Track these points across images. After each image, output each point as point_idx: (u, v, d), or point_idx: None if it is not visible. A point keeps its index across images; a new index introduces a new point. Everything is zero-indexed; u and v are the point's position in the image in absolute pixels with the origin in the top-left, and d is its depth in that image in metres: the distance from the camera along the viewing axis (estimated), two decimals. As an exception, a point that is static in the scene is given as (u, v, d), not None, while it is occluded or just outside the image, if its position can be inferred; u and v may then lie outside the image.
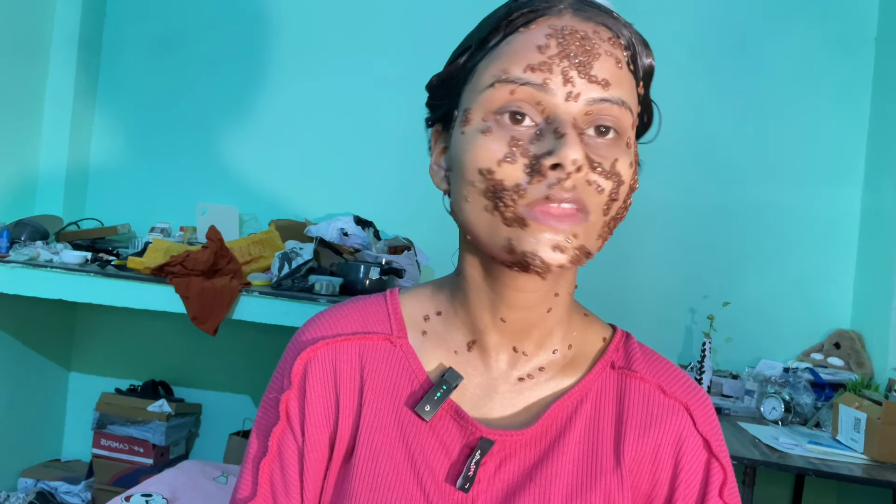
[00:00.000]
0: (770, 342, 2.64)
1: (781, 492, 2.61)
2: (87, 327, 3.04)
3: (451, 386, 0.65)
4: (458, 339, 0.68)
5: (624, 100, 0.59)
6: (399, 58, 2.83)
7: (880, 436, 1.90)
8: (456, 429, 0.65)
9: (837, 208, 2.67)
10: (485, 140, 0.58)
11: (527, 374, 0.67)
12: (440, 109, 0.66)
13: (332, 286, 2.17)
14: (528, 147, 0.57)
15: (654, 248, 2.74)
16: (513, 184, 0.57)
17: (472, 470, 0.63)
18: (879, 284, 2.48)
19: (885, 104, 2.59)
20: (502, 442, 0.64)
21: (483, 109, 0.59)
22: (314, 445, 0.66)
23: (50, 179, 2.89)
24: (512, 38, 0.60)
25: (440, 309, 0.69)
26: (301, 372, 0.68)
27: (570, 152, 0.55)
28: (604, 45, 0.59)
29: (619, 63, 0.60)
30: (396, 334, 0.68)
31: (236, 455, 2.62)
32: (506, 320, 0.65)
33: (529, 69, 0.58)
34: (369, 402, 0.66)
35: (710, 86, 2.75)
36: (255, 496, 0.67)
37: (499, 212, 0.58)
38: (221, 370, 2.95)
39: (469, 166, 0.59)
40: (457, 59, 0.64)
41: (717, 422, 0.69)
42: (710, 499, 0.65)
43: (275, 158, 2.94)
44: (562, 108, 0.57)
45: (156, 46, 3.04)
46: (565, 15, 0.60)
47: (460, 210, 0.61)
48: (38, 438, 2.91)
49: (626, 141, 0.60)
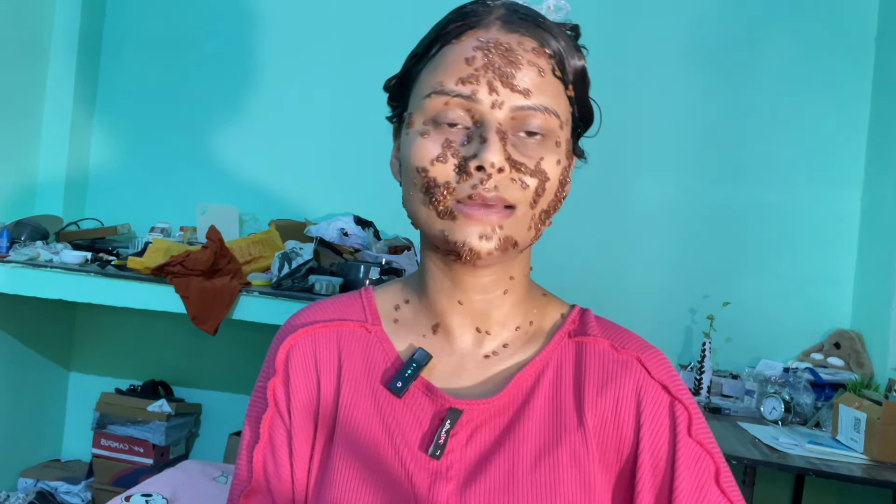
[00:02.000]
0: (770, 342, 2.64)
1: (781, 492, 2.61)
2: (87, 327, 3.04)
3: (420, 364, 0.70)
4: (424, 323, 0.73)
5: (547, 106, 0.65)
6: (399, 57, 2.80)
7: (880, 436, 1.90)
8: (427, 402, 0.69)
9: (837, 208, 2.67)
10: (422, 142, 0.65)
11: (492, 351, 0.72)
12: (396, 109, 0.73)
13: (332, 286, 2.17)
14: (459, 149, 0.64)
15: (655, 248, 2.74)
16: (444, 181, 0.64)
17: (444, 438, 0.67)
18: (879, 284, 2.48)
19: (885, 104, 2.59)
20: (470, 411, 0.68)
21: (422, 115, 0.66)
22: (300, 427, 0.71)
23: (50, 179, 2.89)
24: (446, 50, 0.66)
25: (408, 298, 0.75)
26: (284, 358, 0.73)
27: (489, 156, 0.62)
28: (527, 56, 0.65)
29: (542, 72, 0.65)
30: (371, 322, 0.75)
31: (236, 455, 2.62)
32: (463, 303, 0.71)
33: (460, 81, 0.64)
34: (347, 382, 0.71)
35: (709, 85, 2.75)
36: (250, 482, 0.72)
37: (433, 205, 0.65)
38: (221, 370, 2.95)
39: (410, 165, 0.66)
40: (407, 64, 0.71)
41: (672, 370, 0.72)
42: (681, 440, 0.67)
43: (275, 158, 2.94)
44: (488, 115, 0.64)
45: (156, 46, 3.04)
46: (493, 28, 0.66)
47: (406, 202, 0.69)
48: (38, 438, 2.91)
49: (555, 140, 0.66)
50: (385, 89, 0.75)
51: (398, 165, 0.72)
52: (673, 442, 0.67)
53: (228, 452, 2.67)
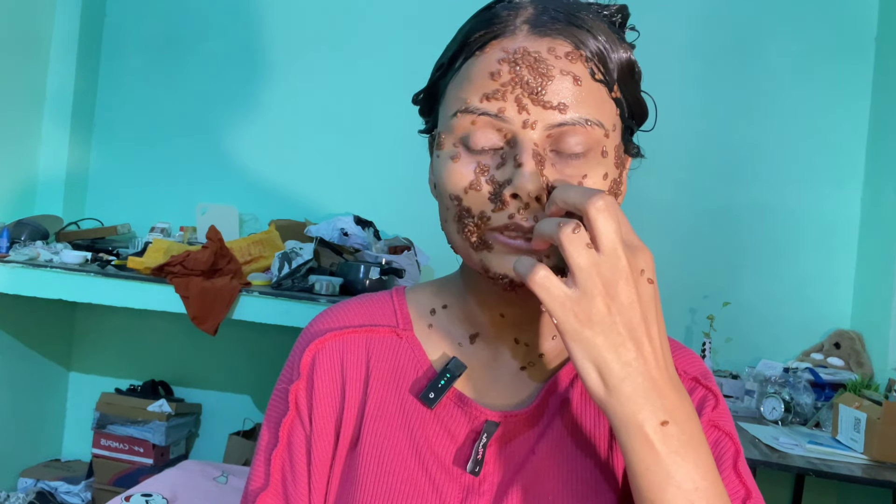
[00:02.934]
0: (770, 342, 2.64)
1: (781, 492, 2.61)
2: (87, 327, 3.04)
3: (454, 374, 0.66)
4: (461, 332, 0.70)
5: (588, 118, 0.58)
6: (399, 57, 2.83)
7: (880, 436, 1.90)
8: (461, 414, 0.66)
9: (837, 208, 2.67)
10: (454, 167, 0.60)
11: (528, 362, 0.69)
12: (427, 124, 0.69)
13: (332, 286, 2.17)
14: (494, 174, 0.59)
15: (655, 248, 2.68)
16: (478, 211, 0.59)
17: (481, 453, 0.64)
18: (879, 284, 2.48)
19: (885, 104, 2.59)
20: (506, 423, 0.65)
21: (451, 136, 0.60)
22: (321, 434, 0.68)
23: (50, 179, 2.89)
24: (470, 63, 0.60)
25: (446, 303, 0.71)
26: (310, 363, 0.70)
27: (525, 184, 0.56)
28: (560, 63, 0.58)
29: (579, 79, 0.58)
30: (402, 327, 0.71)
31: (236, 455, 2.62)
32: (505, 315, 0.67)
33: (485, 98, 0.58)
34: (374, 392, 0.68)
35: (709, 85, 2.75)
36: (267, 486, 0.68)
37: (466, 235, 0.60)
38: (221, 370, 2.95)
39: (442, 190, 0.61)
40: (434, 76, 0.65)
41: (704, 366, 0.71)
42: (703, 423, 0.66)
43: (275, 158, 2.94)
44: (521, 135, 0.57)
45: (156, 46, 3.04)
46: (519, 35, 0.59)
47: (444, 227, 0.64)
48: (38, 438, 2.91)
49: (601, 151, 0.59)
50: (414, 103, 0.69)
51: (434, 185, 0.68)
52: None
53: (228, 452, 2.67)
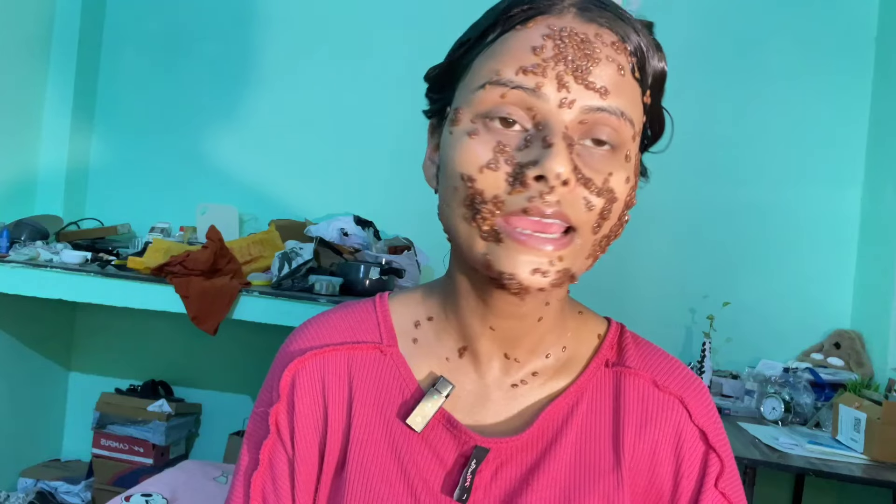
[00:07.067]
0: (770, 342, 2.63)
1: (781, 492, 2.61)
2: (87, 327, 3.04)
3: (441, 395, 0.63)
4: (449, 345, 0.66)
5: (624, 110, 0.55)
6: (399, 57, 2.83)
7: (880, 436, 1.90)
8: (449, 438, 0.63)
9: (837, 208, 2.67)
10: (470, 143, 0.55)
11: (520, 379, 0.65)
12: (437, 103, 0.63)
13: (332, 286, 2.17)
14: (514, 154, 0.54)
15: (655, 248, 2.74)
16: (492, 195, 0.54)
17: (469, 480, 0.61)
18: (879, 284, 2.48)
19: (885, 104, 2.59)
20: (497, 449, 0.62)
21: (472, 111, 0.56)
22: (304, 458, 0.65)
23: (50, 179, 2.89)
24: (508, 36, 0.56)
25: (431, 314, 0.67)
26: (289, 384, 0.66)
27: (555, 164, 0.52)
28: (605, 50, 0.55)
29: (622, 70, 0.56)
30: (386, 342, 0.67)
31: (236, 455, 2.61)
32: (495, 329, 0.63)
33: (522, 72, 0.54)
34: (358, 415, 0.65)
35: (709, 85, 2.75)
36: None
37: (476, 223, 0.55)
38: (221, 370, 2.95)
39: (452, 170, 0.56)
40: (456, 52, 0.61)
41: (714, 411, 0.67)
42: (707, 490, 0.63)
43: (275, 158, 2.94)
44: (554, 115, 0.54)
45: (156, 46, 3.04)
46: (567, 15, 0.56)
47: (443, 214, 0.59)
48: (38, 438, 2.91)
49: (626, 153, 0.56)
50: (426, 79, 0.64)
51: (434, 170, 0.63)
52: (698, 491, 0.63)
53: (228, 452, 2.67)
